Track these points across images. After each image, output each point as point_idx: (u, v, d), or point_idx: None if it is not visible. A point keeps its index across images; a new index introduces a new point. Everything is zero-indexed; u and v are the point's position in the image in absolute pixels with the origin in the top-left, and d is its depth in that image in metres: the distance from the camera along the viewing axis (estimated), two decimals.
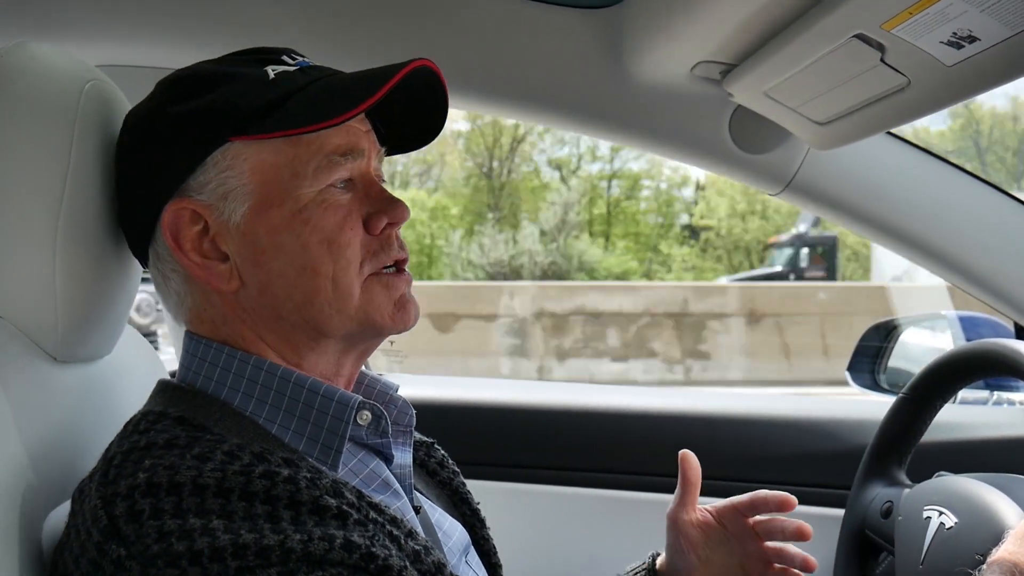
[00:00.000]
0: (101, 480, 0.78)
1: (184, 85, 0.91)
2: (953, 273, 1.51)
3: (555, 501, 1.75)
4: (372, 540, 0.76)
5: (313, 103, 0.88)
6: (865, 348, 2.04)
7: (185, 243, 0.89)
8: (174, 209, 0.89)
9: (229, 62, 0.93)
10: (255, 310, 0.90)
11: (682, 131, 1.50)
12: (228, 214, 0.88)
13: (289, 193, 0.88)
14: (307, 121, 0.87)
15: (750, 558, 1.09)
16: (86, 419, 0.98)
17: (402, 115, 0.96)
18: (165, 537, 0.73)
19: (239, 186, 0.88)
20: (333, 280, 0.88)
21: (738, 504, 1.10)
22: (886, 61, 1.08)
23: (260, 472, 0.77)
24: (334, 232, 0.89)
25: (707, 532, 1.11)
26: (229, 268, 0.89)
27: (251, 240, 0.88)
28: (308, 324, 0.89)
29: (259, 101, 0.88)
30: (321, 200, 0.89)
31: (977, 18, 0.93)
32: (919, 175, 1.50)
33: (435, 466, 1.10)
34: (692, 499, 1.11)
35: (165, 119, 0.89)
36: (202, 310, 0.92)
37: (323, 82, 0.90)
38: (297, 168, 0.88)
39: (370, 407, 0.91)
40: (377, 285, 0.91)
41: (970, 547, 1.04)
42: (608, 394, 1.85)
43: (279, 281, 0.88)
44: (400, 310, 0.92)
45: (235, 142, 0.88)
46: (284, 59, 0.92)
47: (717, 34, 1.26)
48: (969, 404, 1.83)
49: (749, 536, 1.10)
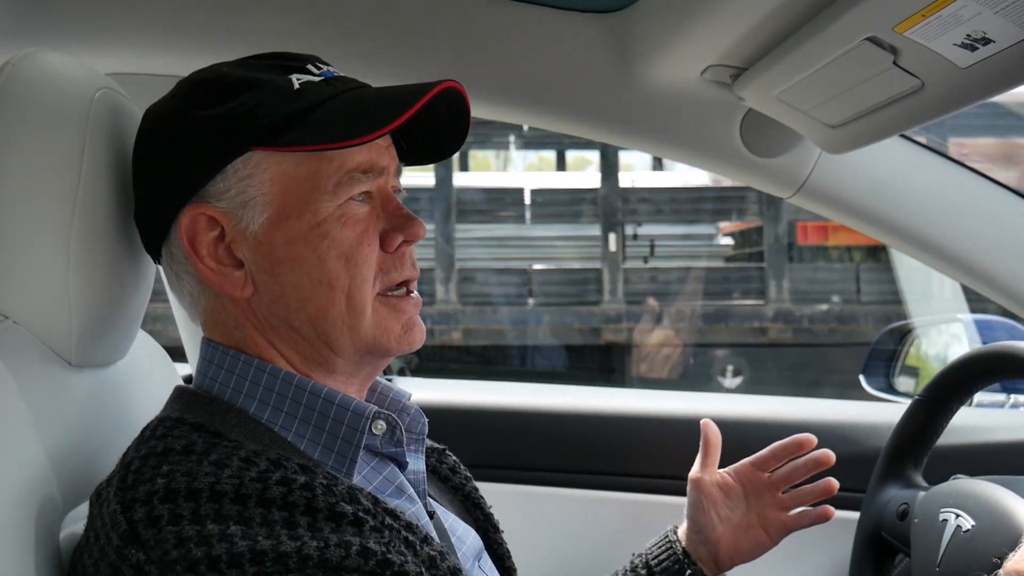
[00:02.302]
0: (120, 484, 0.79)
1: (208, 88, 0.90)
2: (968, 275, 1.51)
3: (568, 503, 1.75)
4: (388, 546, 0.77)
5: (338, 119, 0.88)
6: (879, 351, 2.03)
7: (201, 248, 0.89)
8: (192, 214, 0.89)
9: (253, 67, 0.92)
10: (267, 318, 0.91)
11: (693, 135, 1.50)
12: (246, 222, 0.89)
13: (308, 206, 0.88)
14: (332, 137, 0.87)
15: (767, 513, 1.19)
16: (101, 423, 0.99)
17: (421, 128, 0.96)
18: (184, 543, 0.73)
19: (259, 195, 0.88)
20: (348, 296, 0.89)
21: (755, 460, 1.20)
22: (899, 64, 1.07)
23: (277, 478, 0.77)
24: (352, 247, 0.89)
25: (727, 491, 1.20)
26: (244, 275, 0.90)
27: (267, 250, 0.89)
28: (319, 338, 0.90)
29: (283, 112, 0.87)
30: (340, 214, 0.89)
31: (991, 20, 0.92)
32: (932, 177, 1.49)
33: (447, 472, 1.11)
34: (712, 461, 1.22)
35: (187, 122, 0.89)
36: (215, 313, 0.93)
37: (349, 96, 0.90)
38: (318, 182, 0.88)
39: (385, 417, 0.91)
40: (385, 308, 0.91)
41: (987, 550, 1.03)
42: (620, 397, 1.86)
43: (293, 292, 0.89)
44: (407, 332, 0.93)
45: (257, 152, 0.88)
46: (309, 68, 0.92)
47: (728, 38, 1.25)
48: (985, 407, 1.83)
49: (766, 489, 1.18)
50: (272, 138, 0.87)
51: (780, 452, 1.20)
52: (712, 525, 1.19)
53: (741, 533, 1.19)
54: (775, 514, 1.18)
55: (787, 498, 1.18)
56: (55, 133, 0.91)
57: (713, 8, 1.19)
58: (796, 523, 1.19)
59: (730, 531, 1.19)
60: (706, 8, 1.20)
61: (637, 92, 1.46)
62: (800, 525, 1.19)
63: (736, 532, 1.19)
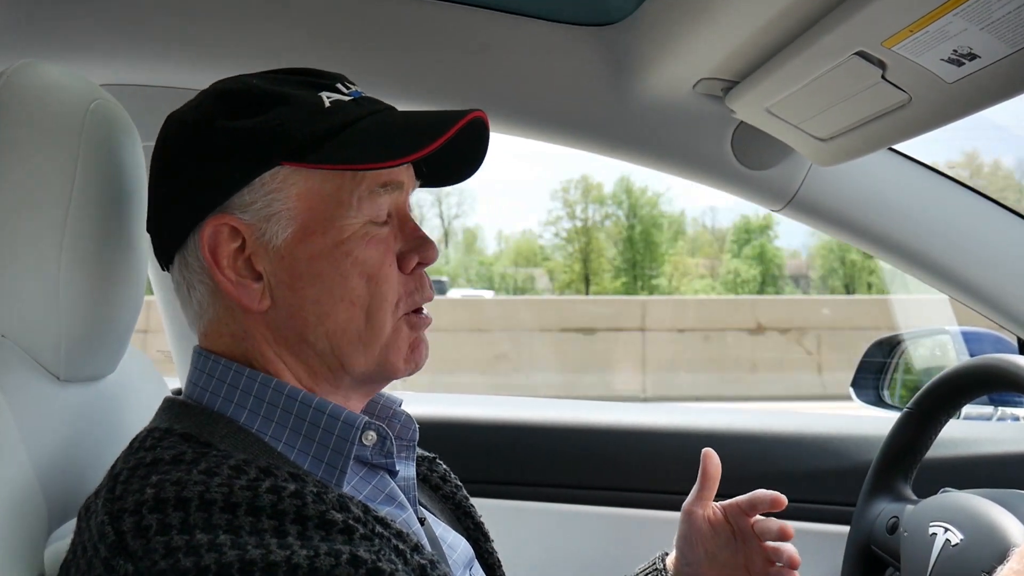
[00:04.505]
0: (108, 496, 0.78)
1: (237, 100, 0.90)
2: (956, 288, 1.51)
3: (557, 519, 1.74)
4: (378, 555, 0.77)
5: (370, 139, 0.89)
6: (868, 364, 2.03)
7: (222, 259, 0.89)
8: (215, 224, 0.89)
9: (283, 82, 0.92)
10: (281, 331, 0.90)
11: (684, 148, 1.51)
12: (270, 236, 0.89)
13: (333, 222, 0.89)
14: (362, 158, 0.88)
15: (753, 558, 1.13)
16: (90, 438, 0.98)
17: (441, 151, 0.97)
18: (172, 553, 0.73)
19: (284, 210, 0.88)
20: (368, 313, 0.89)
21: (740, 503, 1.15)
22: (887, 78, 1.09)
23: (267, 487, 0.77)
24: (375, 267, 0.90)
25: (716, 529, 1.15)
26: (262, 288, 0.89)
27: (290, 264, 0.89)
28: (332, 354, 0.90)
29: (314, 129, 0.88)
30: (364, 233, 0.90)
31: (977, 36, 0.93)
32: (921, 190, 1.50)
33: (438, 480, 1.11)
34: (708, 494, 1.16)
35: (215, 133, 0.89)
36: (222, 324, 0.92)
37: (378, 117, 0.91)
38: (342, 198, 0.89)
39: (376, 428, 0.91)
40: (405, 327, 0.92)
41: (976, 564, 1.03)
42: (611, 411, 1.84)
43: (312, 307, 0.89)
44: (413, 351, 0.93)
45: (286, 167, 0.88)
46: (339, 87, 0.93)
47: (720, 52, 1.26)
48: (973, 420, 1.83)
49: (752, 535, 1.13)
50: (302, 154, 0.88)
51: (756, 502, 1.13)
52: (699, 560, 1.15)
53: (726, 574, 1.14)
54: (762, 564, 1.13)
55: (772, 548, 1.12)
56: (50, 145, 0.91)
57: (706, 22, 1.20)
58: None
59: (716, 570, 1.15)
60: (699, 22, 1.21)
61: (629, 105, 1.47)
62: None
63: (722, 572, 1.14)
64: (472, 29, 1.47)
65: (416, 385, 3.72)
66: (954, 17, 0.92)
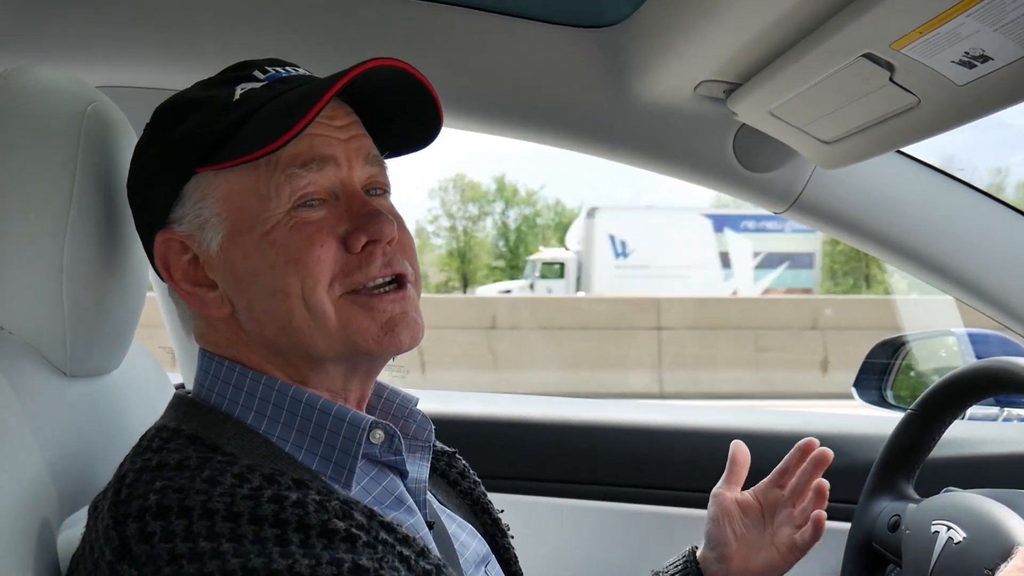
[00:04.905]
0: (113, 499, 0.79)
1: (164, 115, 0.92)
2: (961, 290, 1.52)
3: (570, 514, 1.76)
4: (381, 563, 0.77)
5: (266, 123, 0.86)
6: (872, 364, 2.03)
7: (175, 272, 0.91)
8: (162, 240, 0.91)
9: (210, 84, 0.93)
10: (250, 333, 0.91)
11: (686, 150, 1.51)
12: (207, 244, 0.89)
13: (258, 217, 0.87)
14: (259, 143, 0.85)
15: (781, 532, 1.19)
16: (95, 432, 1.00)
17: (400, 119, 0.95)
18: (176, 560, 0.74)
19: (213, 216, 0.89)
20: (304, 300, 0.86)
21: (771, 477, 1.22)
22: (895, 80, 1.08)
23: (269, 496, 0.77)
24: (299, 250, 0.86)
25: (745, 508, 1.22)
26: (219, 295, 0.90)
27: (230, 268, 0.89)
28: (296, 348, 0.89)
29: (219, 127, 0.87)
30: (289, 220, 0.87)
31: (990, 38, 0.93)
32: (925, 192, 1.51)
33: (456, 476, 1.11)
34: (737, 480, 1.24)
35: (149, 151, 0.92)
36: (210, 331, 0.93)
37: (285, 97, 0.88)
38: (261, 190, 0.87)
39: (383, 426, 0.91)
40: (353, 306, 0.88)
41: (978, 562, 1.04)
42: (626, 409, 1.87)
43: (258, 306, 0.88)
44: (388, 332, 0.88)
45: (203, 173, 0.88)
46: (255, 74, 0.91)
47: (721, 53, 1.26)
48: (978, 420, 1.84)
49: (782, 507, 1.20)
50: (212, 156, 0.87)
51: (789, 462, 1.21)
52: (727, 540, 1.20)
53: (754, 552, 1.19)
54: (788, 532, 1.18)
55: (798, 512, 1.19)
56: (48, 146, 0.92)
57: (707, 24, 1.19)
58: (804, 541, 1.19)
59: (743, 549, 1.19)
60: (700, 24, 1.21)
61: (630, 107, 1.47)
62: (806, 542, 1.19)
63: (749, 551, 1.19)
64: (472, 31, 1.46)
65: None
66: (967, 18, 0.91)
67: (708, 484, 1.26)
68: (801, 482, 1.20)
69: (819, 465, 1.20)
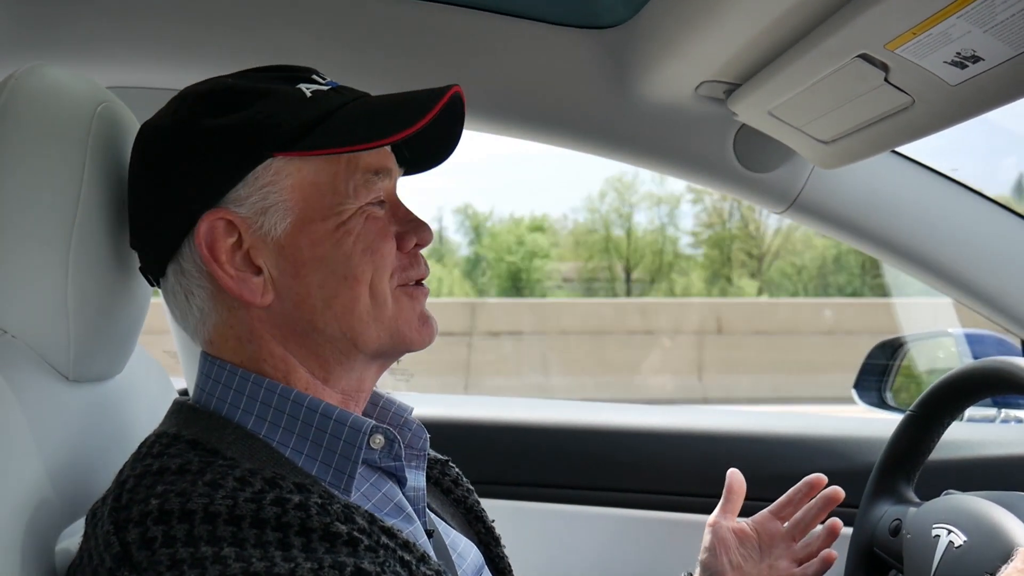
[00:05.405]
0: (114, 505, 0.79)
1: (217, 99, 0.90)
2: (958, 291, 1.51)
3: (568, 519, 1.75)
4: (383, 567, 0.77)
5: (359, 122, 0.89)
6: (871, 366, 2.03)
7: (220, 254, 0.88)
8: (210, 220, 0.88)
9: (258, 78, 0.93)
10: (287, 324, 0.90)
11: (686, 150, 1.51)
12: (268, 228, 0.89)
13: (332, 209, 0.89)
14: (351, 141, 0.89)
15: (779, 566, 1.19)
16: (98, 438, 0.99)
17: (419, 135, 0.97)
18: (177, 565, 0.73)
19: (280, 201, 0.89)
20: (371, 288, 0.90)
21: (772, 508, 1.21)
22: (890, 81, 1.08)
23: (271, 499, 0.77)
24: (376, 240, 0.91)
25: (741, 538, 1.20)
26: (262, 281, 0.89)
27: (291, 253, 0.89)
28: (344, 335, 0.90)
29: (300, 118, 0.89)
30: (362, 213, 0.91)
31: (980, 38, 0.93)
32: (924, 193, 1.51)
33: (449, 484, 1.11)
34: (733, 508, 1.23)
35: (200, 133, 0.89)
36: (227, 327, 0.91)
37: (360, 103, 0.92)
38: (338, 186, 0.90)
39: (383, 431, 0.91)
40: (404, 296, 0.93)
41: (979, 566, 1.03)
42: (619, 412, 1.85)
43: (319, 292, 0.89)
44: (424, 324, 0.94)
45: (278, 158, 0.88)
46: (314, 78, 0.93)
47: (721, 54, 1.26)
48: (977, 422, 1.83)
49: (781, 540, 1.18)
50: (293, 143, 0.88)
51: (794, 496, 1.20)
52: (722, 570, 1.18)
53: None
54: (786, 565, 1.17)
55: (800, 549, 1.18)
56: (57, 147, 0.92)
57: (708, 25, 1.20)
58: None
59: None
60: (700, 25, 1.21)
61: (631, 107, 1.47)
62: None
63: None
64: (473, 32, 1.47)
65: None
66: (957, 20, 0.92)
67: (708, 488, 1.26)
68: (806, 519, 1.19)
69: (828, 504, 1.19)
